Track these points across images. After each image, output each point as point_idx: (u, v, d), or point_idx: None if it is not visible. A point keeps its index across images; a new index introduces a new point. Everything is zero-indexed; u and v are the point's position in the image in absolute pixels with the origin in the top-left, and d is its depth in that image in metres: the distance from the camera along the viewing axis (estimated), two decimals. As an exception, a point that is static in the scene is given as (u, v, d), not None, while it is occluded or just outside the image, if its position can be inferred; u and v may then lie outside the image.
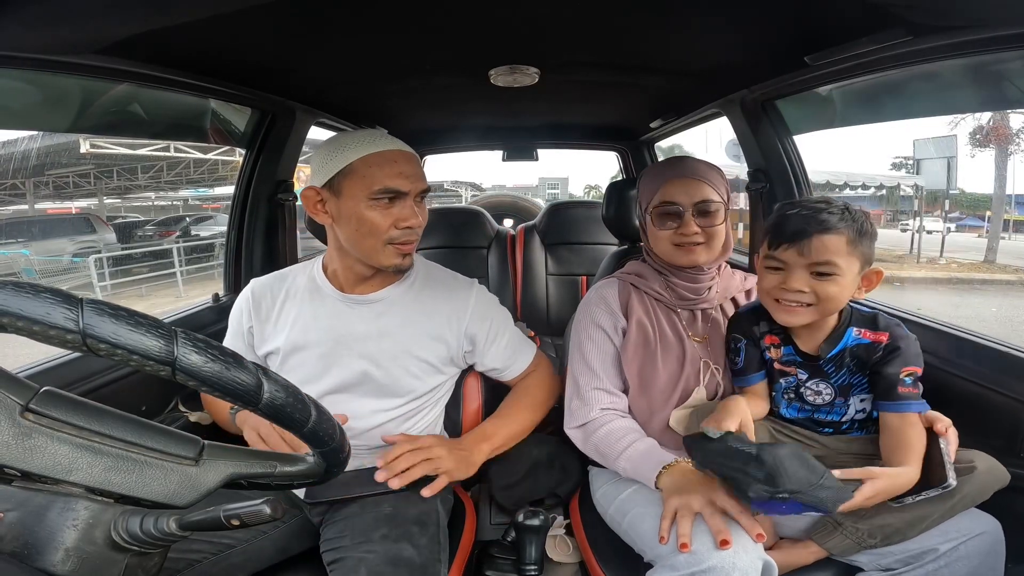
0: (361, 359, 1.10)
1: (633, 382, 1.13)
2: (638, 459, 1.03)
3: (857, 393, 1.00)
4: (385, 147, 1.04)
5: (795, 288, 0.93)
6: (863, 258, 0.94)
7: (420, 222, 1.07)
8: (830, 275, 0.92)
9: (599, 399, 1.13)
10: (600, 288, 1.22)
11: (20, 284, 0.39)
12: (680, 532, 0.86)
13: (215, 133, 1.58)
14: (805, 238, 0.92)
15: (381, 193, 1.01)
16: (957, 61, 1.08)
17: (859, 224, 0.93)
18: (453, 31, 1.08)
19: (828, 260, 0.91)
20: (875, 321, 0.98)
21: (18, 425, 0.44)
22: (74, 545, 0.46)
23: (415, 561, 0.92)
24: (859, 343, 0.98)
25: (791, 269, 0.94)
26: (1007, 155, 13.15)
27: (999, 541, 0.90)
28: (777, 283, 0.96)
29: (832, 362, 1.00)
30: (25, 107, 1.11)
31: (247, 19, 0.91)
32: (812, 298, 0.93)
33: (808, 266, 0.93)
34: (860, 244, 0.93)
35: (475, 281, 1.24)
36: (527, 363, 1.26)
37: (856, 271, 0.94)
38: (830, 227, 0.91)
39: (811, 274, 0.93)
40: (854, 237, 0.92)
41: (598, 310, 1.18)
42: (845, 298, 0.95)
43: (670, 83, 1.53)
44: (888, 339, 0.96)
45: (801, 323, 0.97)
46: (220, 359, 0.45)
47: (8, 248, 9.42)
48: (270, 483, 0.58)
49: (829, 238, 0.91)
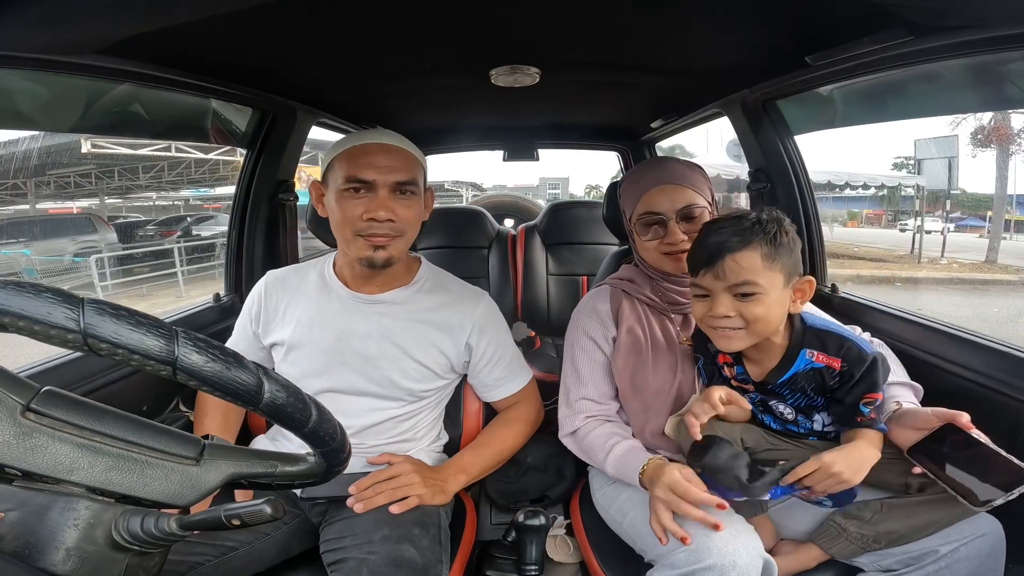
0: (362, 358, 1.11)
1: (627, 389, 1.13)
2: (620, 461, 1.04)
3: (821, 412, 0.98)
4: (368, 140, 1.05)
5: (721, 314, 0.90)
6: (785, 271, 0.90)
7: (387, 216, 1.03)
8: (752, 295, 0.88)
9: (585, 408, 1.14)
10: (591, 297, 1.23)
11: (21, 284, 0.39)
12: (667, 528, 0.87)
13: (216, 133, 1.59)
14: (718, 260, 0.89)
15: (348, 182, 1.03)
16: (958, 61, 1.08)
17: (771, 235, 0.89)
18: (454, 31, 1.08)
19: (745, 280, 0.88)
20: (828, 343, 0.93)
21: (19, 425, 0.45)
22: (75, 545, 0.46)
23: (417, 562, 0.92)
24: (812, 367, 0.94)
25: (714, 295, 0.91)
26: (1008, 155, 13.13)
27: (1000, 542, 0.89)
28: (705, 311, 0.93)
29: (786, 386, 0.97)
30: (27, 107, 1.11)
31: (248, 19, 0.91)
32: (740, 321, 0.90)
33: (728, 289, 0.90)
34: (778, 257, 0.89)
35: (485, 293, 1.24)
36: (516, 389, 1.24)
37: (781, 285, 0.90)
38: (740, 246, 0.88)
39: (734, 296, 0.90)
40: (769, 251, 0.88)
41: (588, 320, 1.19)
42: (775, 317, 0.91)
43: (671, 83, 1.53)
44: (842, 365, 0.92)
45: (740, 347, 0.93)
46: (221, 359, 0.45)
47: (9, 248, 9.43)
48: (271, 483, 0.58)
49: (741, 256, 0.88)
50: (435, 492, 1.07)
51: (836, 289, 1.59)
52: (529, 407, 1.26)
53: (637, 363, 1.12)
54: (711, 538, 0.83)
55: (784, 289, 0.91)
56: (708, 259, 0.91)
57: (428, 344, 1.13)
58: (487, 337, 1.18)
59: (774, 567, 0.86)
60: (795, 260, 0.92)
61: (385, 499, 1.01)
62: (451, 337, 1.15)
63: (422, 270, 1.20)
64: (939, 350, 1.20)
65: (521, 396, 1.25)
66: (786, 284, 0.91)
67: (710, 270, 0.90)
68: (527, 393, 1.26)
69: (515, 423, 1.24)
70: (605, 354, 1.16)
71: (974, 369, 1.11)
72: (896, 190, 15.31)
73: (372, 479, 1.04)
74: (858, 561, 0.95)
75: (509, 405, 1.25)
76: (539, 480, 1.41)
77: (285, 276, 1.20)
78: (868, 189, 14.31)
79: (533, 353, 1.81)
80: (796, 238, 0.93)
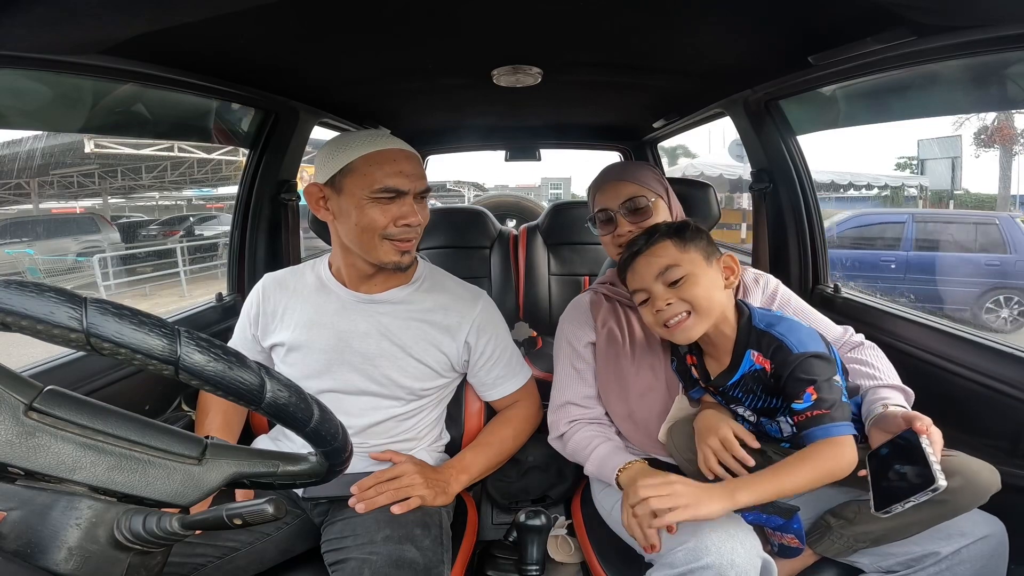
0: (362, 357, 1.11)
1: (611, 391, 1.14)
2: (599, 463, 1.07)
3: (783, 415, 0.96)
4: (386, 146, 1.05)
5: (662, 303, 0.95)
6: (700, 251, 0.98)
7: (419, 220, 1.07)
8: (680, 279, 0.95)
9: (568, 412, 1.17)
10: (573, 304, 1.26)
11: (24, 283, 0.39)
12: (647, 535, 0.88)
13: (219, 133, 1.59)
14: (640, 256, 0.99)
15: (381, 191, 1.02)
16: (962, 61, 1.07)
17: (674, 228, 1.00)
18: (456, 31, 1.08)
19: (667, 265, 0.96)
20: (763, 342, 0.94)
21: (22, 424, 0.45)
22: (77, 544, 0.47)
23: (419, 563, 0.92)
24: (754, 368, 0.95)
25: (652, 293, 0.97)
26: (1012, 155, 13.08)
27: (1003, 544, 0.89)
28: (652, 311, 0.98)
29: (738, 388, 0.98)
30: (31, 107, 1.11)
31: (251, 20, 0.91)
32: (683, 305, 0.95)
33: (658, 280, 0.96)
34: (688, 242, 0.98)
35: (483, 292, 1.24)
36: (516, 388, 1.24)
37: (704, 265, 0.97)
38: (652, 243, 0.99)
39: (667, 286, 0.96)
40: (677, 240, 0.98)
41: (569, 327, 1.22)
42: (715, 297, 0.96)
43: (673, 83, 1.53)
44: (771, 367, 0.92)
45: (697, 334, 0.96)
46: (223, 358, 0.45)
47: (13, 247, 9.45)
48: (273, 483, 0.58)
49: (655, 249, 0.98)
50: (437, 493, 1.07)
51: (839, 289, 1.59)
52: (529, 406, 1.27)
53: (619, 364, 1.14)
54: (709, 537, 0.83)
55: (708, 268, 0.98)
56: (630, 263, 1.01)
57: (427, 343, 1.14)
58: (486, 336, 1.18)
59: (773, 567, 0.86)
60: (707, 243, 1.00)
61: (387, 499, 1.01)
62: (450, 336, 1.15)
63: (420, 269, 1.20)
64: (940, 350, 1.19)
65: (520, 396, 1.25)
66: (707, 262, 0.98)
67: (635, 273, 1.00)
68: (526, 392, 1.26)
69: (515, 422, 1.24)
70: (585, 359, 1.19)
71: (975, 369, 1.11)
72: (899, 190, 15.26)
73: (374, 479, 1.04)
74: (859, 562, 0.95)
75: (509, 404, 1.26)
76: (540, 480, 1.41)
77: (283, 278, 1.20)
78: (872, 189, 14.26)
79: (535, 353, 1.81)
80: (700, 229, 1.02)
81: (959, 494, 0.83)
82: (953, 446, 1.12)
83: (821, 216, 1.68)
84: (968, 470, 0.84)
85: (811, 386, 0.86)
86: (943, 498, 0.80)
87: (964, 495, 0.84)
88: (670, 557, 0.86)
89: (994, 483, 0.86)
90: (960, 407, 1.15)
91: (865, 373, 1.01)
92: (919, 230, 6.22)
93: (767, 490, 0.83)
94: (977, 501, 0.85)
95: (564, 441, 1.16)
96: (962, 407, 1.14)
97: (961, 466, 0.84)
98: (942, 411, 1.19)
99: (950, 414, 1.17)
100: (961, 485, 0.83)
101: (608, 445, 1.09)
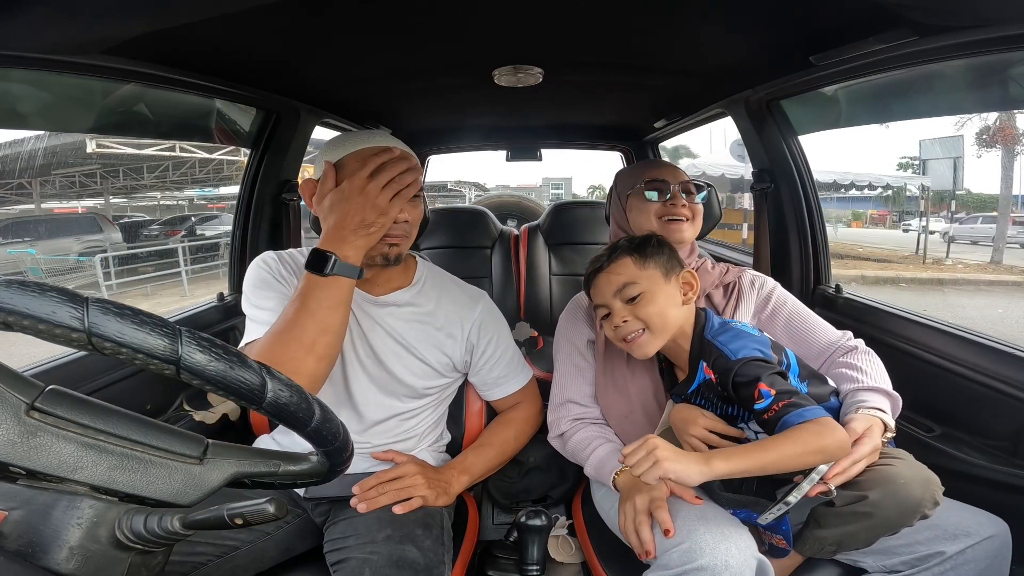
0: (364, 357, 1.10)
1: (609, 392, 1.14)
2: (598, 465, 1.08)
3: (744, 422, 0.97)
4: (378, 143, 1.04)
5: (619, 320, 0.98)
6: (660, 268, 1.00)
7: (407, 218, 1.04)
8: (637, 296, 0.98)
9: (569, 411, 1.17)
10: (574, 302, 1.26)
11: (26, 283, 0.39)
12: (642, 539, 0.89)
13: (220, 133, 1.59)
14: (601, 273, 1.02)
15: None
16: (963, 61, 1.07)
17: (635, 245, 1.02)
18: (457, 31, 1.08)
19: (625, 283, 0.99)
20: (707, 354, 0.95)
21: (23, 423, 0.45)
22: (78, 543, 0.47)
23: (419, 563, 0.92)
24: (706, 379, 0.97)
25: (612, 308, 1.00)
26: (1013, 155, 13.05)
27: (1006, 544, 0.89)
28: (611, 327, 1.01)
29: (698, 396, 1.00)
30: (33, 107, 1.12)
31: (253, 19, 0.91)
32: (638, 323, 0.97)
33: (617, 296, 0.99)
34: (648, 258, 1.00)
35: (484, 293, 1.24)
36: (517, 388, 1.24)
37: (662, 281, 0.99)
38: (613, 260, 1.02)
39: (625, 303, 0.99)
40: (637, 257, 1.00)
41: (569, 324, 1.23)
42: (670, 315, 0.98)
43: (674, 83, 1.53)
44: (715, 377, 0.93)
45: (652, 351, 0.99)
46: (224, 358, 0.45)
47: (14, 247, 9.47)
48: (274, 482, 0.58)
49: (616, 265, 1.01)
50: (439, 494, 1.07)
51: (840, 290, 1.59)
52: (530, 407, 1.27)
53: (616, 362, 1.14)
54: (703, 538, 0.83)
55: (667, 284, 1.00)
56: (593, 279, 1.04)
57: (430, 344, 1.14)
58: (487, 336, 1.19)
59: (769, 567, 0.86)
60: (667, 258, 1.02)
61: (389, 499, 1.01)
62: (452, 336, 1.16)
63: (420, 270, 1.20)
64: (941, 350, 1.19)
65: (522, 396, 1.25)
66: (666, 279, 1.00)
67: (597, 289, 1.02)
68: (527, 393, 1.27)
69: (517, 424, 1.24)
70: (585, 358, 1.19)
71: (976, 369, 1.11)
72: (901, 190, 15.25)
73: (376, 479, 1.04)
74: (863, 562, 0.95)
75: (510, 405, 1.26)
76: (541, 480, 1.41)
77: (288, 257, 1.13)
78: (874, 189, 14.26)
79: (536, 353, 1.81)
80: (662, 243, 1.04)
81: (880, 507, 0.83)
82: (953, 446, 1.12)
83: (823, 216, 1.68)
84: (893, 483, 0.84)
85: (759, 383, 0.86)
86: (866, 510, 0.83)
87: (886, 508, 0.83)
88: (665, 559, 0.86)
89: (927, 497, 0.84)
90: (961, 407, 1.15)
91: (849, 377, 1.00)
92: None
93: (744, 462, 0.81)
94: (905, 515, 0.84)
95: (564, 440, 1.16)
96: (963, 407, 1.14)
97: (887, 478, 0.84)
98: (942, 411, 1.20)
99: (950, 414, 1.17)
100: (880, 498, 0.83)
101: (608, 447, 1.09)
